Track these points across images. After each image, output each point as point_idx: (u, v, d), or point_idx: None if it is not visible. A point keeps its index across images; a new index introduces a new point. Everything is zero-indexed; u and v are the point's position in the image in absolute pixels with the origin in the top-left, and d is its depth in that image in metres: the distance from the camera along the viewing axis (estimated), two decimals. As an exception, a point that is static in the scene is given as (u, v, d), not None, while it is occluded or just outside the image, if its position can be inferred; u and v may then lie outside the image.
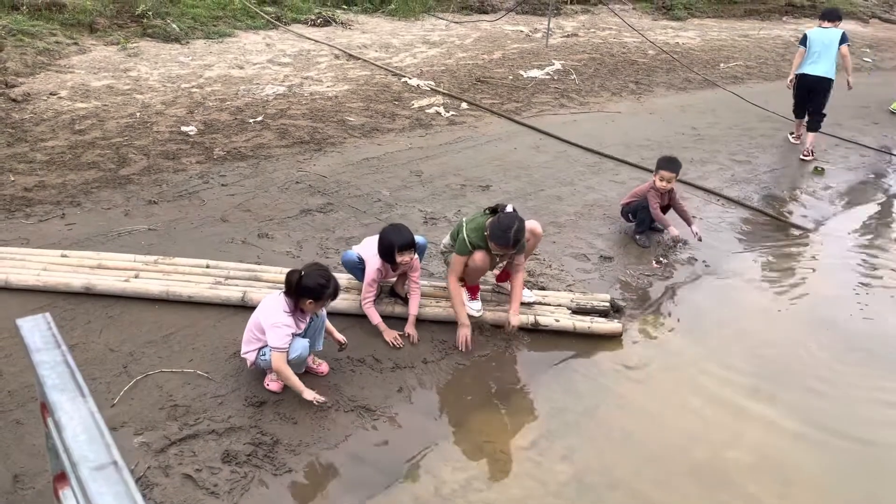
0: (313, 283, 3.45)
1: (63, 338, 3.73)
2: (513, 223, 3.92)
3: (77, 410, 1.08)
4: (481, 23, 11.60)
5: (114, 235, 4.82)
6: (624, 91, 9.11)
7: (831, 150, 7.72)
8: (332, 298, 3.58)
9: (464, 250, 4.06)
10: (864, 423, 3.81)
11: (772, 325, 4.65)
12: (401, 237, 3.99)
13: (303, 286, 3.45)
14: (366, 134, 6.98)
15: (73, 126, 6.42)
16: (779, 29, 13.39)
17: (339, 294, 3.66)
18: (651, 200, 5.32)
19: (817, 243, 5.81)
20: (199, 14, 9.73)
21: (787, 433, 3.71)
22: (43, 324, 1.26)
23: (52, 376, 1.16)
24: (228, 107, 7.23)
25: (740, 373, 4.14)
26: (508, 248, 3.94)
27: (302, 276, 3.46)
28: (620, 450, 3.56)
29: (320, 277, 3.48)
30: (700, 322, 4.62)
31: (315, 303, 3.50)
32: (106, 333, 3.86)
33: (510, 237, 3.89)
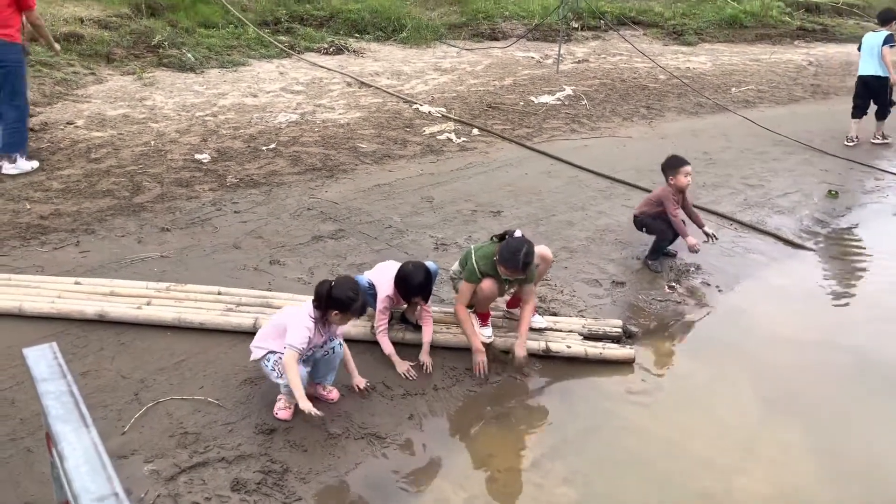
0: (342, 294, 3.48)
1: (75, 365, 3.76)
2: (522, 246, 3.93)
3: (80, 441, 1.08)
4: (492, 50, 11.69)
5: (127, 263, 4.85)
6: (635, 116, 9.12)
7: (845, 174, 7.67)
8: (358, 314, 3.60)
9: (473, 278, 4.06)
10: (879, 454, 3.74)
11: (785, 350, 4.59)
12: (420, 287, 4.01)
13: (332, 297, 3.48)
14: (377, 160, 7.02)
15: (88, 154, 6.51)
16: (790, 53, 13.40)
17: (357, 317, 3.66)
18: (671, 206, 5.24)
19: (832, 268, 5.75)
20: (214, 44, 9.88)
21: (799, 462, 3.66)
22: (49, 353, 1.26)
23: (57, 406, 1.16)
24: (242, 134, 7.31)
25: (753, 399, 4.09)
26: (518, 271, 3.93)
27: (332, 286, 3.50)
28: (629, 475, 3.51)
29: (350, 290, 3.52)
30: (713, 348, 4.57)
31: (341, 315, 3.52)
32: (118, 360, 3.87)
33: (519, 259, 3.88)
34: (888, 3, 17.10)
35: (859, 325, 4.92)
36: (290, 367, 3.40)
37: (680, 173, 5.28)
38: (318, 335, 3.56)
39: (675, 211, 5.26)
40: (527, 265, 3.93)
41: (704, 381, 4.25)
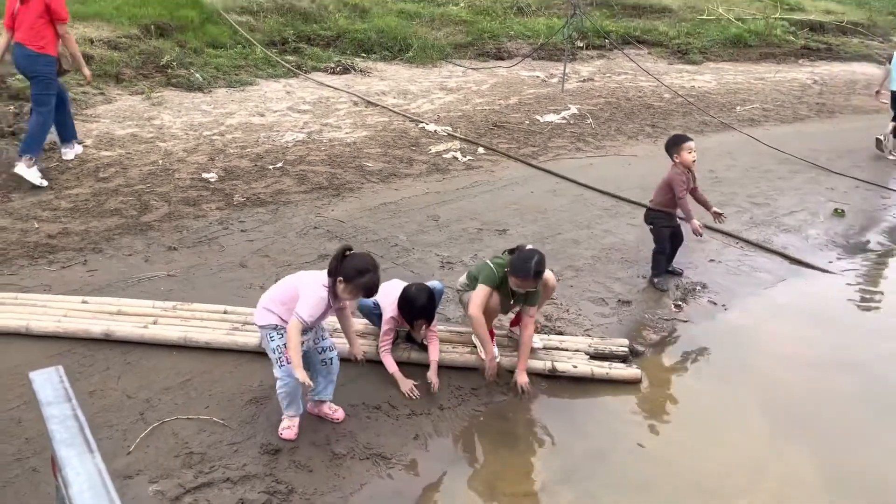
0: (355, 264, 3.38)
1: (81, 385, 3.76)
2: (533, 255, 3.95)
3: (84, 466, 1.08)
4: (498, 69, 11.76)
5: (134, 281, 4.87)
6: (640, 135, 9.15)
7: (852, 192, 7.66)
8: (364, 293, 3.45)
9: (491, 281, 4.02)
10: (888, 476, 3.70)
11: (793, 370, 4.57)
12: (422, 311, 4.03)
13: (343, 264, 3.37)
14: (383, 179, 7.05)
15: (97, 174, 6.55)
16: (795, 72, 13.44)
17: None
18: (679, 188, 5.18)
19: (839, 286, 5.73)
20: (222, 63, 9.97)
21: (807, 484, 3.62)
22: (55, 377, 1.27)
23: (61, 431, 1.17)
24: (249, 153, 7.35)
25: (760, 420, 4.06)
26: (529, 279, 3.92)
27: (348, 253, 3.41)
28: (636, 497, 3.48)
29: (366, 263, 3.39)
30: (720, 368, 4.55)
31: (346, 285, 3.37)
32: (124, 380, 3.88)
33: (531, 267, 3.90)
34: (892, 23, 17.19)
35: (867, 344, 4.89)
36: (292, 335, 3.36)
37: (683, 150, 5.26)
38: (329, 308, 3.47)
39: (683, 193, 5.20)
40: (538, 273, 3.93)
41: (711, 401, 4.23)
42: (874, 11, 17.90)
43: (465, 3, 14.29)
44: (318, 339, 3.65)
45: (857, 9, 17.99)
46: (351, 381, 4.04)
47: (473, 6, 14.15)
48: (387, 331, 4.10)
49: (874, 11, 17.90)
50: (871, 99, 11.95)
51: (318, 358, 3.68)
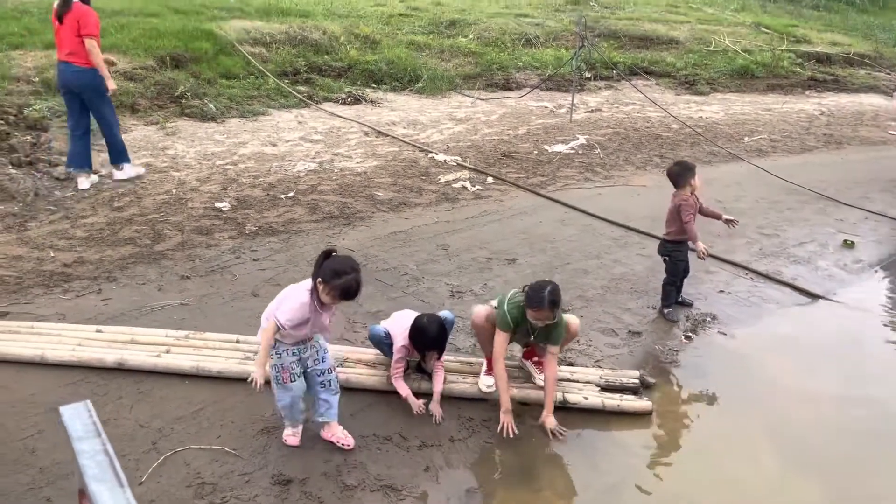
0: (330, 266, 3.35)
1: (96, 414, 3.77)
2: (546, 284, 3.91)
3: (115, 500, 1.11)
4: (506, 100, 11.88)
5: (147, 310, 4.92)
6: (648, 165, 9.20)
7: (861, 224, 7.67)
8: (340, 295, 3.36)
9: (505, 326, 4.03)
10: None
11: (804, 403, 4.55)
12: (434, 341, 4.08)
13: (322, 265, 3.36)
14: (393, 208, 7.11)
15: (112, 203, 6.64)
16: (802, 103, 13.52)
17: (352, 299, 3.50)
18: (686, 213, 5.19)
19: (850, 318, 5.71)
20: (235, 94, 10.12)
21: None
22: (84, 412, 1.30)
23: (92, 466, 1.20)
24: (261, 183, 7.44)
25: (771, 454, 4.04)
26: (544, 309, 3.85)
27: (330, 255, 3.41)
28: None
29: (341, 266, 3.35)
30: (731, 401, 4.53)
31: (323, 286, 3.34)
32: (136, 409, 3.91)
33: (544, 297, 3.84)
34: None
35: (878, 378, 4.87)
36: (265, 334, 3.47)
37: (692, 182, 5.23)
38: (313, 314, 3.44)
39: (690, 218, 5.20)
40: (553, 303, 3.87)
41: (722, 435, 4.21)
42: (880, 43, 18.03)
43: (474, 34, 14.48)
44: (319, 360, 3.69)
45: (863, 41, 18.11)
46: (361, 412, 4.06)
47: (482, 38, 14.33)
48: (398, 359, 4.12)
49: (880, 43, 18.03)
50: (879, 130, 12.03)
51: (318, 379, 3.72)
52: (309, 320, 3.47)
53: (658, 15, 17.41)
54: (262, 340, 3.50)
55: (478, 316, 4.24)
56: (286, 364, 3.60)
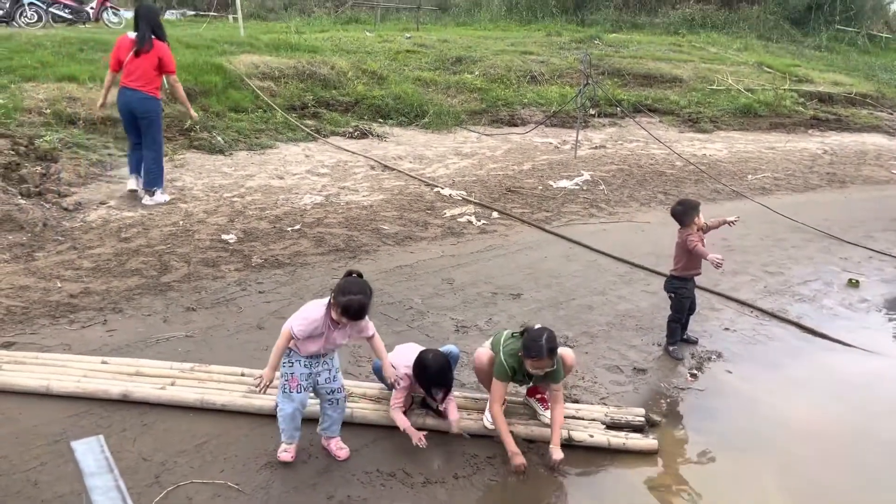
0: (341, 286, 3.55)
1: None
2: (542, 332, 3.91)
3: (128, 537, 1.11)
4: (511, 135, 12.00)
5: (152, 342, 4.92)
6: (653, 201, 9.25)
7: (865, 263, 7.67)
8: (343, 312, 3.51)
9: (503, 376, 4.03)
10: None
11: (811, 443, 4.50)
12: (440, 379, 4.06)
13: (338, 284, 3.56)
14: (399, 242, 7.14)
15: (119, 234, 6.68)
16: (805, 142, 13.61)
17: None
18: (693, 243, 5.21)
19: (857, 358, 5.68)
20: (243, 127, 10.24)
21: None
22: (96, 447, 1.31)
23: (104, 502, 1.19)
24: (268, 215, 7.49)
25: (779, 495, 3.99)
26: (544, 358, 3.87)
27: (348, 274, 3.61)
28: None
29: (348, 287, 3.53)
30: (737, 440, 4.48)
31: (333, 302, 3.54)
32: (140, 442, 3.88)
33: (542, 346, 3.85)
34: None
35: (886, 417, 4.82)
36: (279, 340, 3.65)
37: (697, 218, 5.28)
38: (327, 330, 3.61)
39: (696, 241, 5.21)
40: (551, 350, 3.88)
41: (729, 476, 4.16)
42: (882, 84, 18.21)
43: (479, 71, 14.68)
44: (331, 379, 3.83)
45: (865, 81, 18.31)
46: (365, 447, 4.03)
47: (488, 74, 14.53)
48: (401, 388, 4.09)
49: (882, 84, 18.21)
50: (883, 169, 12.10)
51: (327, 397, 3.85)
52: (323, 335, 3.63)
53: (661, 54, 17.65)
54: (276, 345, 3.68)
55: (479, 360, 4.24)
56: (296, 373, 3.74)
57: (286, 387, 3.74)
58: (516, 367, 4.00)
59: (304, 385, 3.75)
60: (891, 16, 27.15)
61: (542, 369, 3.93)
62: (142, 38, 7.17)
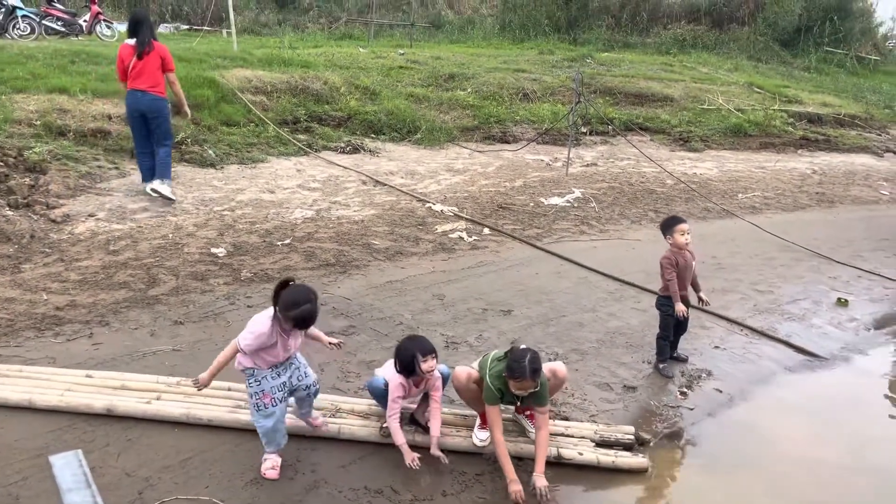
0: (287, 297, 3.50)
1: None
2: (526, 353, 3.88)
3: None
4: (503, 152, 12.03)
5: (139, 356, 4.87)
6: (643, 219, 9.27)
7: (854, 282, 7.70)
8: (294, 323, 3.54)
9: (492, 400, 3.99)
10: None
11: (803, 464, 4.48)
12: (421, 345, 4.03)
13: (279, 295, 3.51)
14: (390, 257, 7.12)
15: (107, 247, 6.63)
16: (794, 161, 13.72)
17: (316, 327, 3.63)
18: (667, 270, 5.22)
19: (846, 377, 5.69)
20: (235, 141, 10.22)
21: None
22: (74, 461, 1.28)
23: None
24: (258, 229, 7.46)
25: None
26: (526, 378, 3.83)
27: (288, 285, 3.55)
28: None
29: (297, 296, 3.50)
30: (727, 459, 4.46)
31: (282, 315, 3.52)
32: (123, 457, 3.83)
33: (525, 367, 3.82)
34: (889, 116, 17.65)
35: (877, 439, 4.82)
36: (224, 351, 3.68)
37: (676, 232, 5.27)
38: (279, 336, 3.60)
39: (670, 275, 5.22)
40: (535, 371, 3.84)
41: (719, 495, 4.14)
42: (871, 105, 18.41)
43: (472, 88, 14.74)
44: (302, 376, 3.90)
45: (854, 102, 18.51)
46: (353, 464, 3.99)
47: (480, 91, 14.59)
48: (395, 398, 4.04)
49: (871, 105, 18.41)
50: (871, 189, 12.20)
51: (304, 392, 3.94)
52: (276, 343, 3.63)
53: (653, 73, 17.79)
54: (221, 354, 3.69)
55: (457, 379, 4.21)
56: (267, 389, 3.73)
57: (259, 405, 3.73)
58: (503, 390, 3.95)
59: (280, 397, 3.76)
60: (879, 38, 27.51)
61: (526, 390, 3.90)
62: (143, 41, 7.55)
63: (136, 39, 7.54)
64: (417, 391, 4.17)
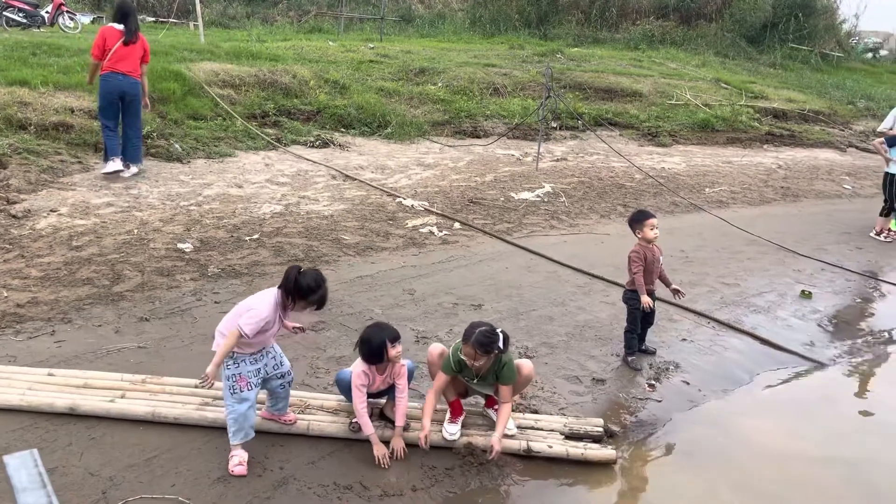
0: (305, 282, 3.69)
1: (42, 461, 3.63)
2: (481, 324, 4.03)
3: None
4: (474, 147, 12.03)
5: (103, 353, 4.78)
6: (612, 214, 9.34)
7: (818, 275, 7.85)
8: (317, 307, 3.79)
9: (447, 369, 4.13)
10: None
11: (769, 457, 4.55)
12: (390, 332, 4.06)
13: (297, 283, 3.68)
14: (360, 252, 7.08)
15: (70, 242, 6.50)
16: (760, 157, 13.92)
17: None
18: (635, 264, 5.30)
19: (813, 369, 5.79)
20: (202, 135, 10.08)
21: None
22: (30, 461, 1.24)
23: (33, 519, 1.13)
24: (225, 224, 7.36)
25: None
26: (469, 345, 3.95)
27: (300, 272, 3.72)
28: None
29: (314, 280, 3.72)
30: (695, 453, 4.51)
31: (299, 302, 3.71)
32: (87, 456, 3.76)
33: (473, 333, 3.96)
34: (852, 112, 17.99)
35: (841, 432, 4.90)
36: (227, 340, 3.67)
37: (645, 226, 5.34)
38: (277, 321, 3.76)
39: (637, 269, 5.29)
40: (480, 344, 3.93)
41: (686, 486, 4.19)
42: (834, 101, 18.75)
43: (442, 82, 14.71)
44: (278, 364, 3.96)
45: (817, 98, 18.83)
46: (322, 459, 3.97)
47: (451, 86, 14.57)
48: (358, 385, 4.01)
49: (834, 101, 18.75)
50: (834, 184, 12.43)
51: (278, 382, 3.98)
52: (272, 327, 3.76)
53: (622, 68, 17.92)
54: (223, 345, 3.68)
55: (431, 354, 4.36)
56: (244, 373, 3.78)
57: (234, 388, 3.78)
58: (463, 364, 4.07)
59: (255, 382, 3.82)
60: (842, 35, 28.01)
61: (471, 360, 4.00)
62: (132, 29, 8.18)
63: (125, 27, 8.12)
64: (382, 379, 4.15)
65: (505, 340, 4.04)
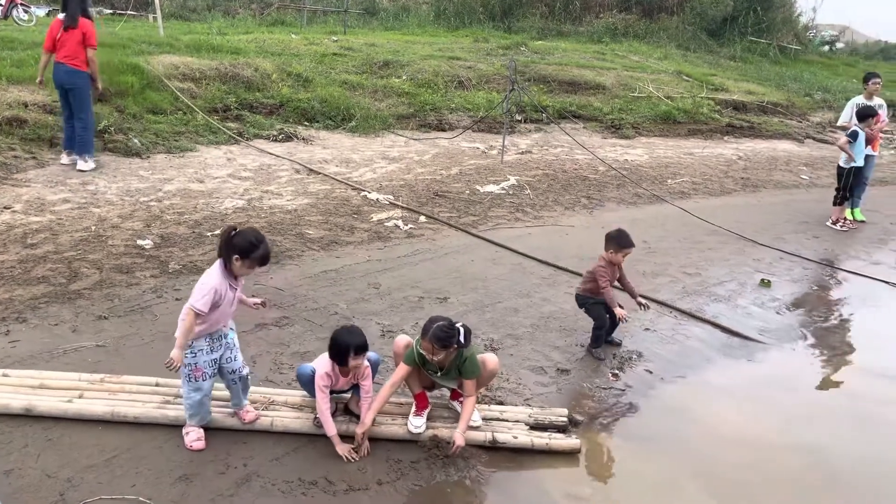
0: (243, 241, 3.63)
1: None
2: (439, 319, 4.03)
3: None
4: (439, 140, 12.01)
5: (60, 353, 4.68)
6: (577, 206, 9.41)
7: (776, 263, 8.00)
8: (260, 263, 3.72)
9: (408, 360, 4.14)
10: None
11: (730, 443, 4.62)
12: (355, 338, 3.99)
13: (233, 243, 3.62)
14: (324, 247, 7.03)
15: (24, 240, 6.34)
16: (721, 148, 14.14)
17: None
18: (602, 279, 5.35)
19: (772, 356, 5.89)
20: (162, 129, 9.90)
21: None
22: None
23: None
24: (186, 220, 7.25)
25: (699, 497, 4.08)
26: (426, 340, 3.96)
27: (235, 232, 3.65)
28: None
29: (252, 237, 3.67)
30: (658, 442, 4.56)
31: (242, 261, 3.64)
32: (44, 458, 3.68)
33: (430, 328, 3.97)
34: (809, 104, 18.36)
35: (802, 418, 5.00)
36: (184, 323, 3.64)
37: (621, 253, 5.41)
38: (228, 290, 3.70)
39: (606, 283, 5.35)
40: (437, 339, 3.93)
41: (650, 475, 4.24)
42: (792, 93, 19.12)
43: (407, 75, 14.66)
44: (231, 358, 3.94)
45: (776, 90, 19.18)
46: (286, 455, 3.94)
47: (415, 79, 14.52)
48: (321, 386, 3.98)
49: (792, 93, 19.12)
50: (792, 174, 12.68)
51: (229, 377, 3.97)
52: (224, 298, 3.71)
53: (585, 61, 18.03)
54: (182, 327, 3.66)
55: (397, 344, 4.36)
56: (200, 363, 3.81)
57: (191, 377, 3.79)
58: (424, 358, 4.09)
59: (210, 372, 3.83)
60: (799, 28, 28.56)
61: (429, 354, 4.02)
62: (71, 16, 7.94)
63: (66, 13, 7.95)
64: (346, 381, 4.13)
65: (466, 335, 4.05)
